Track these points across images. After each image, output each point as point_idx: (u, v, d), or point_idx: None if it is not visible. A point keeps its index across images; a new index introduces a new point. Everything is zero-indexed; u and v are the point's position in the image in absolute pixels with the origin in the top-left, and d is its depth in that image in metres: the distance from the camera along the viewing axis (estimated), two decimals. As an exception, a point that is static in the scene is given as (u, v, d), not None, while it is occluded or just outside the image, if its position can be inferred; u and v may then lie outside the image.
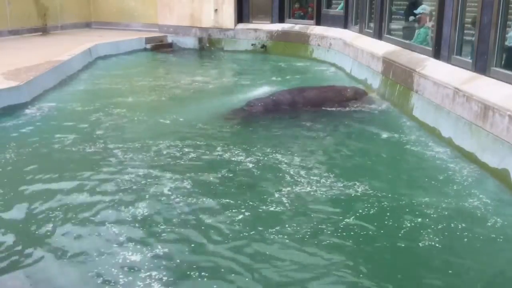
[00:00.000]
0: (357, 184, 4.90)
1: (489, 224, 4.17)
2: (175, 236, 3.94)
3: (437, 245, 3.81)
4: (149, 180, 4.97)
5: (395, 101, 7.99)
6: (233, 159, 5.62)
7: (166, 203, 4.48)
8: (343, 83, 9.81)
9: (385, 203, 4.51)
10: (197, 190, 4.73)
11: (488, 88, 5.57)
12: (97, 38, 14.28)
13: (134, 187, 4.82)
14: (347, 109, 7.93)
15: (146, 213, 4.28)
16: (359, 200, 4.56)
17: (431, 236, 3.92)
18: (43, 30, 15.63)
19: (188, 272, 3.46)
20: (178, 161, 5.54)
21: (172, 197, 4.59)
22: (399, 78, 7.98)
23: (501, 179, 4.92)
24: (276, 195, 4.64)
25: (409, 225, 4.14)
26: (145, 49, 14.80)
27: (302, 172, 5.20)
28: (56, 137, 6.37)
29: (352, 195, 4.69)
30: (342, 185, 4.88)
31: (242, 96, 8.62)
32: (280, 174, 5.18)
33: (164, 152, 5.79)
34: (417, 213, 4.32)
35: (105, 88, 9.74)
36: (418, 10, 8.74)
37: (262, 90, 9.01)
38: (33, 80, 8.16)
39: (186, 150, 5.87)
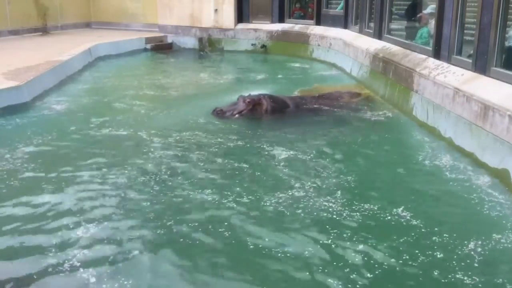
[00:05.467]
0: (362, 192, 4.89)
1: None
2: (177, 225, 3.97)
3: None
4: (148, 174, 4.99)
5: (395, 101, 7.99)
6: (226, 154, 5.65)
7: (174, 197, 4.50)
8: (342, 83, 9.82)
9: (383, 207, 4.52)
10: (201, 184, 4.75)
11: (488, 88, 5.58)
12: (97, 38, 14.29)
13: (136, 187, 4.83)
14: (348, 112, 7.87)
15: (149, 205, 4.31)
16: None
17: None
18: (43, 30, 15.63)
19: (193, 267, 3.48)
20: (181, 157, 5.56)
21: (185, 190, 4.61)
22: (399, 78, 7.98)
23: (501, 179, 4.92)
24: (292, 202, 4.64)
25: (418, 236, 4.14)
26: (145, 49, 14.82)
27: (299, 180, 5.20)
28: (56, 136, 6.39)
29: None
30: (338, 186, 4.89)
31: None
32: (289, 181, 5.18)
33: (165, 148, 5.81)
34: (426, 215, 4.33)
35: (105, 87, 9.76)
36: (428, 10, 8.63)
37: (262, 90, 9.00)
38: (33, 80, 8.17)
39: (187, 147, 5.89)
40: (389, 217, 4.21)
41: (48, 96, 8.44)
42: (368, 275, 3.40)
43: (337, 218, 4.20)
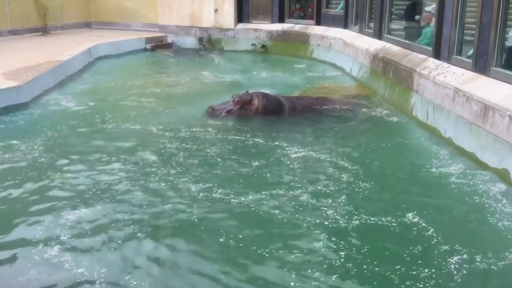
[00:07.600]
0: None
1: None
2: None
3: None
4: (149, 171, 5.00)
5: (395, 102, 7.99)
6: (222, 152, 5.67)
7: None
8: (342, 83, 9.80)
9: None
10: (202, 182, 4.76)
11: (488, 88, 5.58)
12: (97, 38, 14.29)
13: (134, 187, 4.83)
14: (348, 112, 7.82)
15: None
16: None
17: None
18: (43, 30, 15.64)
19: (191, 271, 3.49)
20: (184, 156, 5.57)
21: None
22: (399, 78, 7.98)
23: (501, 179, 4.92)
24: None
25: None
26: (145, 49, 14.81)
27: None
28: (56, 136, 6.40)
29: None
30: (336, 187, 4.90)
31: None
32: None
33: (166, 146, 5.84)
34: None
35: (105, 87, 9.76)
36: (429, 9, 8.58)
37: (261, 90, 9.00)
38: (33, 80, 8.17)
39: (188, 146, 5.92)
40: (387, 220, 4.18)
41: (49, 96, 8.44)
42: (371, 282, 3.39)
43: (337, 223, 4.15)
